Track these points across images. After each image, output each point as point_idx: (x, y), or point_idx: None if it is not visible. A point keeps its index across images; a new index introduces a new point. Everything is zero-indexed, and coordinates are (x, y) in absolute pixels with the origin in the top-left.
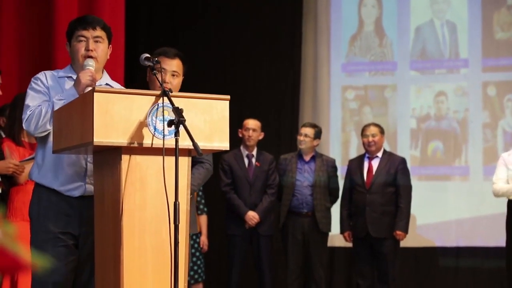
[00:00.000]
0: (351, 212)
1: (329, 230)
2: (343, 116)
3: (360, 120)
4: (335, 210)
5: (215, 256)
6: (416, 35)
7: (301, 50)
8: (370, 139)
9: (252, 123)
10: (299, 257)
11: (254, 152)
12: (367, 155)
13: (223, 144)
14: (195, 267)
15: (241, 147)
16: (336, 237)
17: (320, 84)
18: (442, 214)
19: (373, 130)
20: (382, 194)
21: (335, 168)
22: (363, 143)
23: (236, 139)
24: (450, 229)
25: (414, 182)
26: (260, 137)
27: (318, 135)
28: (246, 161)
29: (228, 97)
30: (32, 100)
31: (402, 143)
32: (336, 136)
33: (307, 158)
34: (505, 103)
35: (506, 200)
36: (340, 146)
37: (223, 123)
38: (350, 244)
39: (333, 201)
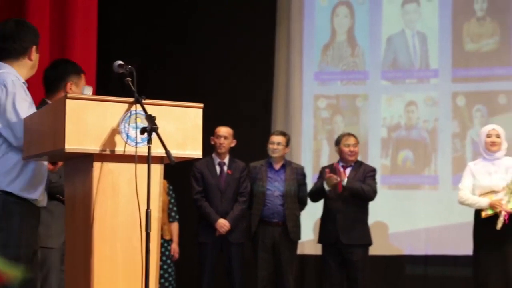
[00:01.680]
0: (322, 219)
1: (299, 238)
2: (315, 125)
3: (332, 129)
4: (304, 218)
5: (186, 264)
6: (388, 45)
7: (274, 59)
8: (352, 148)
9: (223, 131)
10: (269, 265)
11: (226, 160)
12: (341, 163)
13: (196, 152)
14: (166, 275)
15: (213, 155)
16: (306, 244)
17: (293, 93)
18: (411, 222)
19: (353, 140)
20: (354, 201)
21: (304, 176)
22: (342, 152)
23: (208, 147)
24: (419, 238)
25: (384, 191)
26: (232, 145)
27: (288, 142)
28: (217, 168)
29: (202, 105)
30: (25, 109)
31: (373, 152)
32: (308, 144)
33: (277, 166)
34: (474, 113)
35: (474, 209)
36: (311, 154)
37: (196, 131)
38: (319, 252)
39: (302, 209)
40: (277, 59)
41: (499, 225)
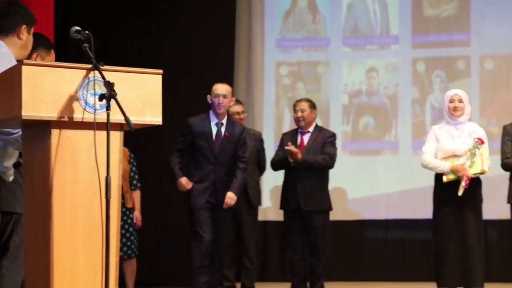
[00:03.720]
0: (283, 186)
1: (260, 204)
2: (276, 92)
3: (293, 96)
4: (267, 184)
5: (147, 232)
6: (348, 11)
7: (235, 26)
8: (299, 114)
9: (222, 89)
10: (231, 232)
11: (224, 121)
12: (299, 129)
13: (156, 118)
14: (129, 243)
15: (211, 113)
16: (269, 210)
17: (254, 60)
18: (372, 188)
19: (302, 105)
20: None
21: (262, 142)
22: (294, 118)
23: (174, 114)
24: (380, 203)
25: (345, 157)
26: (231, 103)
27: (245, 110)
28: (214, 130)
29: (161, 71)
30: None
31: (334, 118)
32: (270, 111)
33: None
34: (434, 78)
35: (434, 173)
36: (273, 122)
37: (155, 98)
38: (282, 218)
39: (261, 174)
40: (238, 26)
41: (461, 191)
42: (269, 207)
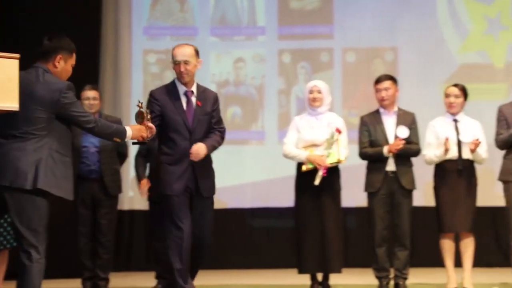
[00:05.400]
0: (150, 175)
1: (120, 192)
2: (144, 80)
3: (161, 84)
4: (131, 172)
5: None
6: (216, 1)
7: (101, 14)
8: None
9: (181, 53)
10: (90, 222)
11: (194, 88)
12: None
13: (12, 104)
14: (1, 229)
15: (176, 82)
16: (135, 199)
17: (121, 48)
18: (238, 177)
19: None
20: None
21: None
22: None
23: None
24: (246, 191)
25: None
26: (199, 67)
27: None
28: (183, 100)
29: (18, 55)
30: None
31: None
32: (137, 100)
33: None
34: (299, 70)
35: (296, 162)
36: None
37: (11, 83)
38: (148, 207)
39: (122, 162)
40: (104, 14)
41: (318, 180)
42: (136, 196)
